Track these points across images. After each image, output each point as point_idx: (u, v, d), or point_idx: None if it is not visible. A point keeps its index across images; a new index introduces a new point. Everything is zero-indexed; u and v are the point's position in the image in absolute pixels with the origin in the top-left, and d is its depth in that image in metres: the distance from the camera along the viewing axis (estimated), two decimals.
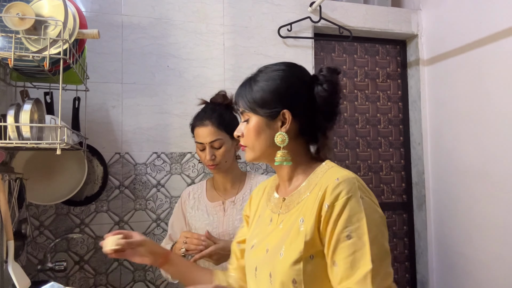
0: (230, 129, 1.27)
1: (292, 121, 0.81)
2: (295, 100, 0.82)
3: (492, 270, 1.73)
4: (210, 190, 1.38)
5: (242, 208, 1.30)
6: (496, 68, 1.70)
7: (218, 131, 1.25)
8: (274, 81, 0.83)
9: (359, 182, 0.75)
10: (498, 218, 1.69)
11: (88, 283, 1.63)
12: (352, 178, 0.75)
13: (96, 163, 1.65)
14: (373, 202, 0.74)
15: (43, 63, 0.99)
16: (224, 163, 1.28)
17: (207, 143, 1.25)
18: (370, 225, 0.70)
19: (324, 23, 2.02)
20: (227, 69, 1.88)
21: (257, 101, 0.83)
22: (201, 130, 1.26)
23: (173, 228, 1.37)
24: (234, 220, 1.28)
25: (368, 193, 0.75)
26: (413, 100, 2.26)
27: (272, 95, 0.82)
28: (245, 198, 1.32)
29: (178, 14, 1.82)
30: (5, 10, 0.95)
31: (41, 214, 1.59)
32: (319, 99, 0.82)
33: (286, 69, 0.86)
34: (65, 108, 1.41)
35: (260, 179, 1.37)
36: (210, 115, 1.28)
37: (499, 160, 1.69)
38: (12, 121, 0.98)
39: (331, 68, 0.85)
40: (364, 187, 0.75)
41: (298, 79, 0.84)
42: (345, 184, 0.73)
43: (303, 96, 0.83)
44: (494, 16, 1.71)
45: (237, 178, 1.36)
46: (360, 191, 0.73)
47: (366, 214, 0.70)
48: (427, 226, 2.14)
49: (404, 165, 2.28)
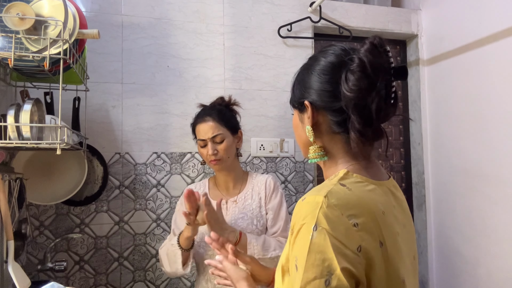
0: (230, 125, 1.31)
1: (320, 113, 0.71)
2: (317, 88, 0.71)
3: (492, 270, 1.73)
4: (213, 188, 1.39)
5: (244, 207, 1.31)
6: (496, 68, 1.70)
7: (219, 126, 1.27)
8: (302, 70, 0.77)
9: (329, 208, 0.58)
10: (498, 218, 1.69)
11: (88, 283, 1.63)
12: (316, 202, 0.59)
13: (96, 163, 1.66)
14: (332, 239, 0.56)
15: (43, 63, 0.99)
16: (227, 159, 1.29)
17: (208, 138, 1.26)
18: (307, 267, 0.56)
19: (324, 23, 2.02)
20: (227, 69, 1.88)
21: (294, 94, 0.77)
22: (202, 126, 1.28)
23: (177, 224, 1.36)
24: (237, 219, 1.29)
25: (333, 225, 0.57)
26: (413, 100, 2.26)
27: (299, 85, 0.76)
28: (247, 197, 1.33)
29: (178, 14, 1.82)
30: (5, 10, 0.95)
31: (41, 214, 1.59)
32: (343, 87, 0.66)
33: (317, 55, 0.75)
34: (65, 108, 1.41)
35: (261, 178, 1.37)
36: (210, 112, 1.30)
37: (499, 160, 1.69)
38: (12, 121, 0.99)
39: (371, 42, 0.67)
40: (333, 216, 0.57)
41: (327, 63, 0.71)
42: (306, 206, 0.61)
43: (328, 84, 0.69)
44: (494, 16, 1.71)
45: (239, 177, 1.37)
46: (319, 220, 0.57)
47: (309, 250, 0.56)
48: (427, 226, 2.14)
49: (404, 165, 2.28)
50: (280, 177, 1.92)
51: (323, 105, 0.70)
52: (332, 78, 0.69)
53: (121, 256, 1.68)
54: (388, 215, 0.65)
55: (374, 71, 0.65)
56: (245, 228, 1.27)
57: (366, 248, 0.58)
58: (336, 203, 0.59)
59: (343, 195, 0.61)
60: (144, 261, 1.71)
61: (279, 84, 1.93)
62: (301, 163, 1.96)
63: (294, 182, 1.94)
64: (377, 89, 0.65)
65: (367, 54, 0.65)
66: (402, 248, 0.65)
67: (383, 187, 0.70)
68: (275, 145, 1.92)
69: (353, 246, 0.57)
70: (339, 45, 0.74)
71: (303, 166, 1.96)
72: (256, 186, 1.36)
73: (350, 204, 0.60)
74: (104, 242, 1.66)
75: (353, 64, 0.66)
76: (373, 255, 0.59)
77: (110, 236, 1.67)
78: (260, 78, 1.93)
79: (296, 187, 1.94)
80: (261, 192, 1.34)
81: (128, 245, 1.69)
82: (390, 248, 0.62)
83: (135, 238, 1.70)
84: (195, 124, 1.33)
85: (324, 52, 0.74)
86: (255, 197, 1.33)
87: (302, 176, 1.95)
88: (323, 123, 0.71)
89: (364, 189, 0.65)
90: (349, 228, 0.58)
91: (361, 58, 0.65)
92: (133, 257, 1.70)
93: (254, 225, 1.29)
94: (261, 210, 1.32)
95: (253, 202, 1.32)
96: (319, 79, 0.71)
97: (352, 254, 0.56)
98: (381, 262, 0.60)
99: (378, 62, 0.65)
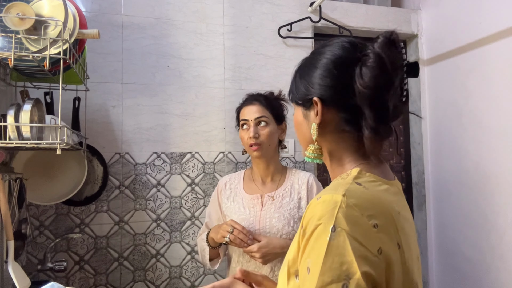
0: (276, 113, 1.28)
1: (330, 110, 0.67)
2: (327, 84, 0.66)
3: (492, 271, 1.73)
4: (248, 181, 1.31)
5: (281, 205, 1.22)
6: (496, 68, 1.70)
7: (265, 110, 1.25)
8: (305, 64, 0.73)
9: (348, 208, 0.55)
10: (498, 218, 1.69)
11: (88, 283, 1.63)
12: (335, 201, 0.56)
13: (96, 163, 1.65)
14: (352, 241, 0.53)
15: (43, 63, 0.99)
16: (268, 146, 1.23)
17: (252, 119, 1.23)
18: (323, 270, 0.52)
19: (324, 23, 2.02)
20: (227, 69, 1.88)
21: (297, 89, 0.73)
22: (248, 108, 1.26)
23: (211, 217, 1.34)
24: (272, 218, 1.20)
25: (353, 226, 0.54)
26: (413, 100, 2.26)
27: (304, 80, 0.71)
28: (285, 195, 1.24)
29: (178, 14, 1.82)
30: (5, 10, 0.95)
31: (41, 214, 1.59)
32: (357, 83, 0.63)
33: (323, 49, 0.71)
34: (65, 108, 1.41)
35: (302, 176, 1.28)
36: (257, 97, 1.28)
37: (499, 160, 1.69)
38: (12, 121, 0.98)
39: (386, 37, 0.63)
40: (353, 217, 0.54)
41: (336, 57, 0.67)
42: (322, 206, 0.57)
43: (339, 79, 0.66)
44: (494, 16, 1.71)
45: (278, 171, 1.29)
46: (338, 221, 0.54)
47: (327, 252, 0.53)
48: (427, 226, 2.14)
49: (404, 165, 2.28)
50: None
51: (333, 101, 0.66)
52: (344, 73, 0.65)
53: (121, 256, 1.68)
54: (401, 216, 0.63)
55: (393, 67, 0.62)
56: (281, 229, 1.18)
57: (385, 251, 0.55)
58: (355, 203, 0.55)
59: (361, 195, 0.58)
60: (144, 261, 1.71)
61: (279, 84, 1.93)
62: (301, 163, 1.95)
63: None
64: (395, 86, 0.62)
65: (384, 49, 0.62)
66: (413, 249, 0.64)
67: (394, 187, 0.68)
68: None
69: (374, 248, 0.54)
70: (345, 38, 0.70)
71: (303, 166, 1.95)
72: (296, 183, 1.26)
73: (368, 204, 0.57)
74: (104, 242, 1.66)
75: (369, 59, 0.62)
76: (392, 257, 0.56)
77: (110, 236, 1.67)
78: (260, 78, 1.93)
79: None
80: (302, 191, 1.25)
81: (128, 245, 1.69)
82: (406, 250, 0.60)
83: (135, 238, 1.70)
84: (240, 108, 1.29)
85: (331, 45, 0.69)
86: (294, 196, 1.24)
87: None
88: (332, 121, 0.67)
89: (379, 189, 0.63)
90: (369, 229, 0.55)
91: (379, 53, 0.62)
92: (133, 257, 1.70)
93: (290, 226, 1.19)
94: (300, 211, 1.22)
95: (291, 201, 1.23)
96: (329, 74, 0.66)
97: (373, 257, 0.53)
98: (399, 265, 0.57)
99: (395, 58, 0.63)
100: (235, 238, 1.11)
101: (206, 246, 1.22)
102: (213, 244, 1.23)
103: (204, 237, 1.24)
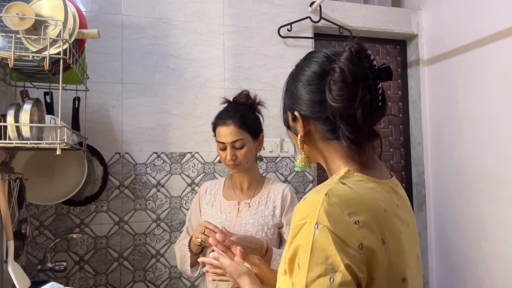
0: (252, 130, 1.26)
1: (311, 122, 0.71)
2: (305, 99, 0.71)
3: (492, 271, 1.73)
4: (228, 188, 1.36)
5: (256, 212, 1.27)
6: (496, 68, 1.70)
7: (240, 131, 1.23)
8: (289, 79, 0.77)
9: (330, 205, 0.58)
10: (498, 218, 1.69)
11: (88, 283, 1.63)
12: (317, 200, 0.59)
13: (96, 163, 1.65)
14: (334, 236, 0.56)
15: (43, 63, 0.99)
16: (245, 164, 1.26)
17: (228, 143, 1.23)
18: (311, 265, 0.56)
19: (324, 23, 2.02)
20: (227, 69, 1.88)
21: (284, 102, 0.78)
22: (223, 130, 1.24)
23: (191, 222, 1.36)
24: (247, 224, 1.25)
25: (334, 223, 0.57)
26: (413, 100, 2.26)
27: (289, 94, 0.76)
28: (261, 203, 1.29)
29: (178, 14, 1.82)
30: (5, 10, 0.95)
31: (41, 214, 1.59)
32: (327, 97, 0.67)
33: (302, 64, 0.75)
34: (65, 108, 1.41)
35: (279, 186, 1.33)
36: (232, 115, 1.24)
37: (499, 160, 1.69)
38: (12, 121, 0.98)
39: (349, 49, 0.66)
40: (334, 214, 0.58)
41: (311, 73, 0.71)
42: (307, 205, 0.61)
43: (314, 94, 0.70)
44: (493, 16, 1.71)
45: (255, 180, 1.33)
46: (320, 218, 0.57)
47: (312, 248, 0.56)
48: (427, 226, 2.14)
49: (404, 165, 2.28)
50: (280, 177, 1.92)
51: (311, 115, 0.71)
52: (317, 88, 0.69)
53: (121, 256, 1.68)
54: (390, 213, 0.65)
55: (355, 79, 0.65)
56: (255, 234, 1.23)
57: (367, 246, 0.58)
58: (336, 201, 0.59)
59: (343, 193, 0.61)
60: (144, 261, 1.71)
61: (279, 84, 1.93)
62: None
63: (294, 182, 1.94)
64: (360, 96, 0.65)
65: (346, 63, 0.65)
66: (405, 247, 0.65)
67: (385, 186, 0.70)
68: (275, 145, 1.92)
69: (354, 244, 0.57)
70: (322, 52, 0.73)
71: None
72: (272, 193, 1.31)
73: (350, 202, 0.60)
74: (104, 242, 1.66)
75: (335, 74, 0.66)
76: (376, 252, 0.58)
77: (110, 236, 1.67)
78: (260, 78, 1.93)
79: (296, 187, 1.93)
80: (277, 200, 1.30)
81: (128, 245, 1.69)
82: (391, 246, 0.62)
83: (135, 238, 1.70)
84: (216, 125, 1.28)
85: (308, 60, 0.74)
86: (270, 204, 1.29)
87: (302, 176, 1.95)
88: (315, 132, 0.72)
89: (365, 187, 0.65)
90: (350, 226, 0.58)
91: (341, 67, 0.65)
92: (133, 257, 1.69)
93: (264, 232, 1.24)
94: (274, 219, 1.27)
95: (266, 209, 1.28)
96: (304, 89, 0.71)
97: (353, 252, 0.56)
98: (384, 260, 0.60)
99: (358, 69, 0.65)
100: (206, 238, 1.12)
101: (187, 252, 1.21)
102: (195, 251, 1.22)
103: (186, 243, 1.24)
